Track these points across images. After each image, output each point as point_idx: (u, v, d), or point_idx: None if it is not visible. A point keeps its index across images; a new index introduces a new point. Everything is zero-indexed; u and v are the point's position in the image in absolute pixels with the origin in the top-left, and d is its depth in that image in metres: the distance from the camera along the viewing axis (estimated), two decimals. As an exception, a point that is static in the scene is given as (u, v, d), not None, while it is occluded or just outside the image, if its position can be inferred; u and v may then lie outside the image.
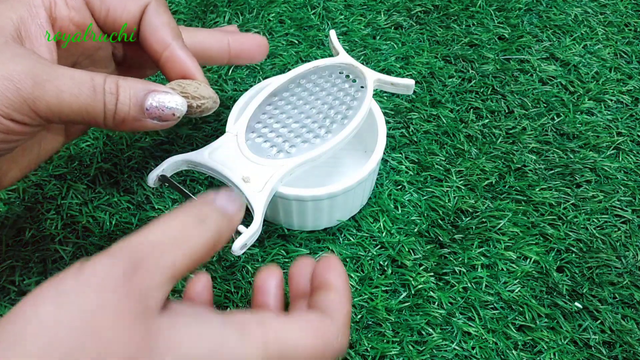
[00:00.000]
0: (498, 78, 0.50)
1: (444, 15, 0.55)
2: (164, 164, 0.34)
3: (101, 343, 0.20)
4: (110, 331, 0.20)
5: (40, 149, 0.33)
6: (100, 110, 0.28)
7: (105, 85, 0.28)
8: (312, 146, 0.35)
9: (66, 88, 0.27)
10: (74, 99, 0.27)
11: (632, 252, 0.39)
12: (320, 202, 0.37)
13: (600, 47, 0.52)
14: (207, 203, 0.26)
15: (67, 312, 0.20)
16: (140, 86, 0.29)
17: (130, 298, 0.21)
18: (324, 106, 0.38)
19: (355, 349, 0.35)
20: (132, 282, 0.22)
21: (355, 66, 0.40)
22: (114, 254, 0.22)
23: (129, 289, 0.21)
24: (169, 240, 0.23)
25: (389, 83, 0.40)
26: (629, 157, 0.45)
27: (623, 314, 0.37)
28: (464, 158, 0.44)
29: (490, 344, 0.35)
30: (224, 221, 0.26)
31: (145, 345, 0.21)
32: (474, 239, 0.40)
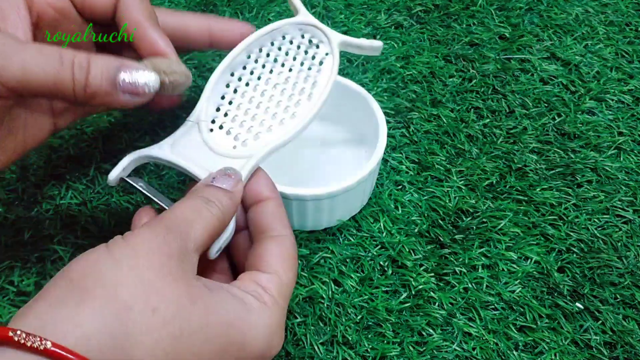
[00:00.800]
0: (499, 77, 0.50)
1: (444, 15, 0.55)
2: (124, 161, 0.32)
3: (154, 297, 0.24)
4: (160, 287, 0.24)
5: (26, 134, 0.32)
6: (69, 83, 0.28)
7: (75, 58, 0.28)
8: (281, 131, 0.33)
9: (32, 60, 0.27)
10: (40, 70, 0.28)
11: (633, 253, 0.39)
12: (320, 201, 0.37)
13: (601, 47, 0.52)
14: (207, 186, 0.30)
15: (122, 271, 0.24)
16: (113, 61, 0.30)
17: (171, 259, 0.25)
18: (287, 83, 0.35)
19: (355, 349, 0.35)
20: (171, 246, 0.25)
21: (317, 27, 0.36)
22: (152, 226, 0.26)
23: (169, 252, 0.25)
24: (190, 215, 0.27)
25: (355, 46, 0.36)
26: (630, 157, 0.45)
27: (624, 315, 0.37)
28: (465, 158, 0.44)
29: (491, 344, 0.35)
30: (226, 198, 0.29)
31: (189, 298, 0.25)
32: (474, 239, 0.39)
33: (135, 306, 0.23)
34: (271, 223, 0.31)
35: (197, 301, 0.25)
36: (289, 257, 0.30)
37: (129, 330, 0.23)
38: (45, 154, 0.44)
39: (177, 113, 0.47)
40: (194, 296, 0.25)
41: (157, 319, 0.23)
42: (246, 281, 0.29)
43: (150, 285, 0.24)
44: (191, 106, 0.35)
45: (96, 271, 0.24)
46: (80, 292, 0.23)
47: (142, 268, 0.24)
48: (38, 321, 0.22)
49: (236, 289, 0.27)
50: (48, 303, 0.23)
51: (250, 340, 0.26)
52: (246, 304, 0.27)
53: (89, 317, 0.22)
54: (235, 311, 0.26)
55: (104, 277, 0.23)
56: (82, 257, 0.25)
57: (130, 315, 0.23)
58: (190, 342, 0.24)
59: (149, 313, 0.23)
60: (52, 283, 0.24)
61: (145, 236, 0.25)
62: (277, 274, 0.29)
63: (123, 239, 0.25)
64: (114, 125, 0.46)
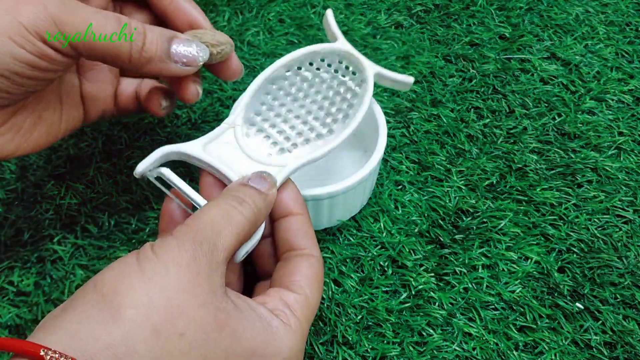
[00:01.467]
0: (499, 77, 0.50)
1: (444, 15, 0.55)
2: (154, 155, 0.31)
3: (182, 322, 0.23)
4: (189, 311, 0.24)
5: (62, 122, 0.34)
6: (127, 45, 0.29)
7: (131, 23, 0.30)
8: (314, 147, 0.34)
9: (93, 18, 0.29)
10: (101, 28, 0.29)
11: (633, 253, 0.39)
12: (320, 202, 0.37)
13: (601, 47, 0.52)
14: (243, 185, 0.30)
15: (153, 291, 0.23)
16: (167, 31, 0.31)
17: (199, 277, 0.25)
18: (325, 102, 0.36)
19: (355, 349, 0.35)
20: (200, 263, 0.25)
21: (355, 56, 0.37)
22: (180, 238, 0.25)
23: (198, 270, 0.25)
24: (220, 222, 0.27)
25: (389, 78, 0.37)
26: (631, 157, 0.44)
27: (624, 315, 0.36)
28: (465, 158, 0.44)
29: (491, 344, 0.35)
30: (260, 199, 0.29)
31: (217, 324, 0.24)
32: (474, 239, 0.39)
33: (163, 331, 0.23)
34: (302, 241, 0.31)
35: (224, 328, 0.25)
36: (318, 279, 0.30)
37: (156, 356, 0.23)
38: (45, 154, 0.44)
39: (177, 113, 0.47)
40: (221, 322, 0.25)
41: (183, 345, 0.23)
42: (275, 299, 0.28)
43: (179, 309, 0.24)
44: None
45: (127, 288, 0.23)
46: (111, 312, 0.23)
47: (172, 288, 0.24)
48: (68, 340, 0.22)
49: (263, 308, 0.27)
50: (78, 319, 0.22)
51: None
52: (272, 326, 0.27)
53: (120, 340, 0.22)
54: (261, 337, 0.26)
55: (135, 296, 0.23)
56: (113, 268, 0.24)
57: (158, 341, 0.23)
58: None
59: (176, 338, 0.23)
60: (82, 294, 0.24)
61: (174, 252, 0.25)
62: (305, 295, 0.29)
63: (153, 253, 0.25)
64: (114, 125, 0.46)
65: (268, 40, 0.52)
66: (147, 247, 0.25)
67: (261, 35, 0.52)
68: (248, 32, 0.52)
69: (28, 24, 0.27)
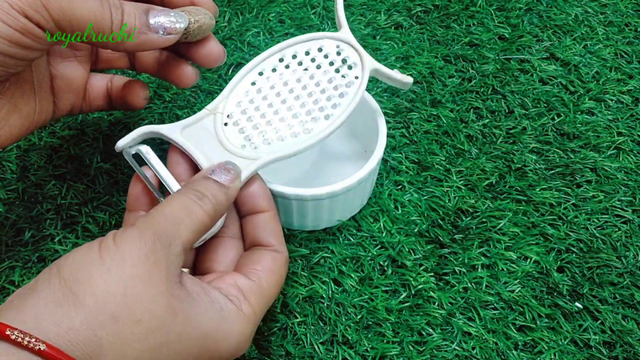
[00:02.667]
0: (498, 78, 0.50)
1: (444, 15, 0.55)
2: (134, 133, 0.33)
3: (139, 309, 0.25)
4: (145, 299, 0.25)
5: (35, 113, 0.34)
6: (108, 19, 0.30)
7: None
8: (292, 141, 0.34)
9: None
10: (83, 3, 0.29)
11: (632, 252, 0.39)
12: (320, 201, 0.37)
13: (600, 47, 0.52)
14: (205, 178, 0.31)
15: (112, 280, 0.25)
16: (142, 4, 0.31)
17: (156, 267, 0.26)
18: (309, 98, 0.36)
19: (355, 349, 0.35)
20: (158, 255, 0.26)
21: (355, 48, 0.36)
22: (141, 229, 0.27)
23: (155, 260, 0.26)
24: (180, 216, 0.28)
25: (387, 76, 0.37)
26: (630, 157, 0.45)
27: (623, 314, 0.37)
28: (464, 158, 0.44)
29: (490, 344, 0.35)
30: (221, 193, 0.30)
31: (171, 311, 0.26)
32: (474, 239, 0.39)
33: (120, 317, 0.24)
34: (269, 239, 0.33)
35: (178, 314, 0.26)
36: (278, 274, 0.32)
37: (114, 339, 0.24)
38: (46, 153, 0.44)
39: (177, 113, 0.47)
40: (175, 308, 0.26)
41: (140, 331, 0.25)
42: (230, 285, 0.30)
43: (135, 297, 0.25)
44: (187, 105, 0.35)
45: (88, 276, 0.25)
46: (73, 298, 0.24)
47: (129, 278, 0.25)
48: (33, 321, 0.23)
49: (217, 292, 0.29)
50: (43, 303, 0.24)
51: (222, 347, 0.28)
52: (224, 311, 0.28)
53: (80, 324, 0.24)
54: (213, 321, 0.27)
55: (94, 284, 0.24)
56: (75, 255, 0.26)
57: (115, 326, 0.24)
58: (168, 352, 0.26)
59: (133, 324, 0.25)
60: (47, 277, 0.25)
61: (134, 243, 0.26)
62: (260, 284, 0.30)
63: (114, 243, 0.26)
64: (114, 125, 0.46)
65: (268, 41, 0.52)
66: (109, 236, 0.27)
67: (261, 36, 0.52)
68: (248, 32, 0.53)
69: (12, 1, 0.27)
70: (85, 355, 0.23)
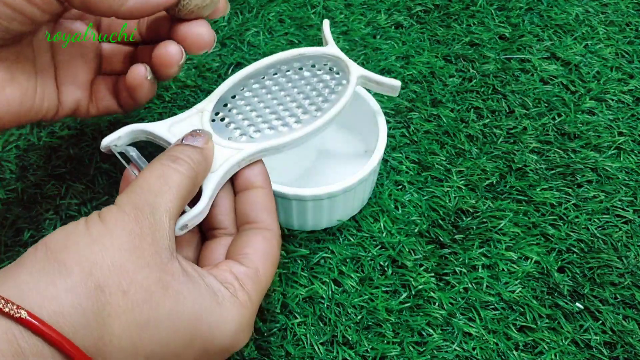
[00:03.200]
0: (499, 77, 0.50)
1: (444, 15, 0.55)
2: (121, 131, 0.32)
3: (125, 280, 0.24)
4: (132, 270, 0.24)
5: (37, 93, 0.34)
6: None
7: None
8: (278, 134, 0.34)
9: None
10: None
11: (633, 253, 0.39)
12: (320, 201, 0.37)
13: (601, 47, 0.52)
14: (176, 145, 0.30)
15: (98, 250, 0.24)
16: None
17: (143, 239, 0.25)
18: (300, 95, 0.36)
19: (355, 349, 0.35)
20: (142, 226, 0.25)
21: (342, 59, 0.38)
22: (120, 204, 0.26)
23: (140, 232, 0.25)
24: (155, 183, 0.27)
25: (374, 81, 0.37)
26: (630, 157, 0.45)
27: (624, 315, 0.37)
28: (465, 158, 0.44)
29: (491, 344, 0.35)
30: (195, 153, 0.29)
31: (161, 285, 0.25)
32: (474, 239, 0.39)
33: (106, 288, 0.24)
34: (259, 214, 0.31)
35: (168, 290, 0.25)
36: (272, 254, 0.30)
37: (99, 310, 0.23)
38: (45, 153, 0.44)
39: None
40: (165, 283, 0.25)
41: (125, 302, 0.24)
42: (224, 271, 0.28)
43: (122, 268, 0.24)
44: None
45: (74, 246, 0.24)
46: (58, 266, 0.23)
47: (115, 249, 0.24)
48: (16, 289, 0.22)
49: (212, 278, 0.27)
50: (27, 271, 0.23)
51: (217, 335, 0.26)
52: (218, 297, 0.27)
53: (64, 294, 0.23)
54: (206, 303, 0.26)
55: (80, 254, 0.24)
56: (62, 230, 0.25)
57: (101, 297, 0.23)
58: (157, 330, 0.24)
59: (119, 295, 0.24)
60: (32, 251, 0.24)
61: (118, 218, 0.25)
62: (256, 270, 0.29)
63: (99, 217, 0.26)
64: (114, 125, 0.46)
65: (268, 40, 0.52)
66: (94, 214, 0.26)
67: (261, 35, 0.52)
68: (248, 32, 0.52)
69: None
70: (69, 326, 0.22)
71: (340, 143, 0.44)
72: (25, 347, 0.22)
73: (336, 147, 0.44)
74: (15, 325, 0.22)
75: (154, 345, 0.25)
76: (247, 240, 0.30)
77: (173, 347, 0.25)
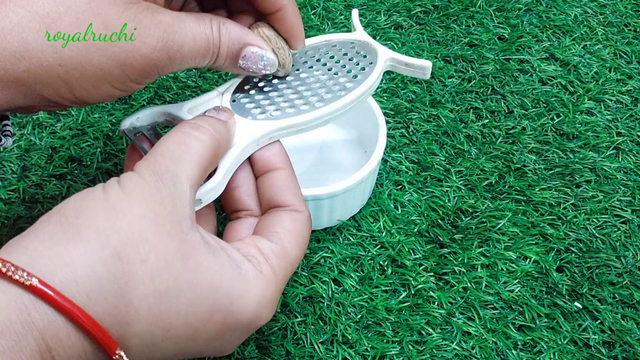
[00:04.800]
0: (498, 78, 0.50)
1: (443, 16, 0.55)
2: (140, 112, 0.32)
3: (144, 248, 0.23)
4: (152, 238, 0.23)
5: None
6: (206, 63, 0.30)
7: (213, 40, 0.29)
8: (299, 112, 0.32)
9: (189, 54, 0.29)
10: (193, 62, 0.29)
11: (631, 252, 0.39)
12: (320, 201, 0.37)
13: (600, 47, 0.52)
14: (198, 116, 0.29)
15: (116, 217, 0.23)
16: (237, 37, 0.30)
17: (163, 206, 0.24)
18: (324, 76, 0.34)
19: (355, 348, 0.35)
20: (162, 193, 0.24)
21: (369, 43, 0.36)
22: (140, 171, 0.25)
23: (161, 200, 0.24)
24: (176, 150, 0.26)
25: (404, 63, 0.36)
26: (629, 157, 0.45)
27: (623, 314, 0.37)
28: (464, 158, 0.44)
29: (490, 343, 0.35)
30: (218, 124, 0.28)
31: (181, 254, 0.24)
32: (473, 239, 0.40)
33: (123, 255, 0.22)
34: (286, 197, 0.30)
35: (188, 259, 0.24)
36: (301, 234, 0.29)
37: (116, 279, 0.22)
38: (47, 153, 0.44)
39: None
40: (186, 252, 0.24)
41: (144, 271, 0.23)
42: (248, 245, 0.27)
43: (141, 236, 0.23)
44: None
45: (91, 212, 0.23)
46: (73, 232, 0.22)
47: (135, 216, 0.23)
48: (27, 256, 0.21)
49: (235, 251, 0.26)
50: (39, 239, 0.22)
51: (238, 308, 0.25)
52: (241, 269, 0.25)
53: (78, 260, 0.22)
54: (228, 275, 0.25)
55: (97, 220, 0.23)
56: (78, 195, 0.24)
57: (118, 264, 0.22)
58: (176, 300, 0.23)
59: (137, 264, 0.22)
60: (46, 218, 0.23)
61: (137, 183, 0.24)
62: (282, 245, 0.28)
63: (118, 183, 0.24)
64: (115, 125, 0.46)
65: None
66: (112, 180, 0.25)
67: (261, 36, 0.52)
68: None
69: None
70: (82, 294, 0.21)
71: (340, 143, 0.44)
72: (35, 316, 0.20)
73: (336, 147, 0.44)
74: (26, 293, 0.20)
75: (173, 317, 0.23)
76: (275, 220, 0.29)
77: (193, 320, 0.24)
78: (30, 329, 0.20)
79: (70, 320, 0.21)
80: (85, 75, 0.26)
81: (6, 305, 0.20)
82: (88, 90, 0.27)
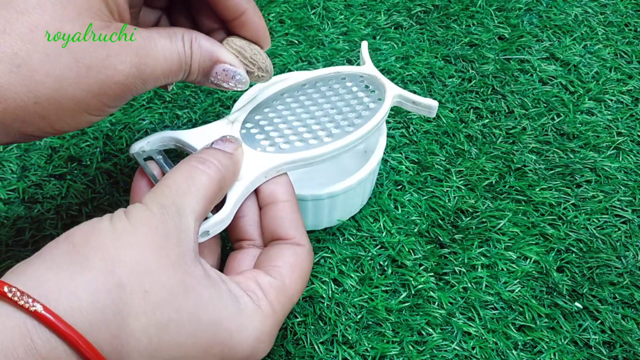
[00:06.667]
0: (498, 78, 0.50)
1: (444, 15, 0.55)
2: (150, 137, 0.32)
3: (148, 280, 0.23)
4: (155, 270, 0.24)
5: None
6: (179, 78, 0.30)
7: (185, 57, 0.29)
8: (308, 147, 0.33)
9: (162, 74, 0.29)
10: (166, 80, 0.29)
11: (632, 252, 0.39)
12: (320, 201, 0.37)
13: (600, 47, 0.52)
14: (205, 148, 0.30)
15: (123, 247, 0.24)
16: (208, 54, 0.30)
17: (168, 239, 0.25)
18: (333, 110, 0.35)
19: (355, 348, 0.35)
20: (168, 226, 0.25)
21: (378, 78, 0.37)
22: (147, 203, 0.26)
23: (166, 232, 0.25)
24: (183, 184, 0.27)
25: (411, 101, 0.37)
26: (629, 157, 0.45)
27: (623, 314, 0.37)
28: (464, 158, 0.44)
29: (490, 344, 0.35)
30: (224, 157, 0.29)
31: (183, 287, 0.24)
32: (474, 239, 0.40)
33: (128, 286, 0.23)
34: (288, 230, 0.30)
35: (190, 292, 0.24)
36: (301, 268, 0.29)
37: (119, 309, 0.22)
38: (46, 153, 0.44)
39: (177, 113, 0.47)
40: (188, 286, 0.24)
41: (147, 303, 0.23)
42: (248, 279, 0.28)
43: (145, 267, 0.24)
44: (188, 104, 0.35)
45: (98, 241, 0.24)
46: (80, 260, 0.23)
47: (140, 247, 0.24)
48: (33, 282, 0.22)
49: (235, 284, 0.27)
50: (47, 265, 0.23)
51: (236, 342, 0.26)
52: (240, 304, 0.26)
53: (84, 288, 0.22)
54: (227, 310, 0.25)
55: (104, 249, 0.23)
56: (87, 224, 0.25)
57: (122, 295, 0.23)
58: (177, 333, 0.24)
59: (140, 295, 0.23)
60: (54, 244, 0.24)
61: (143, 216, 0.25)
62: (282, 280, 0.28)
63: (125, 215, 0.25)
64: (115, 125, 0.46)
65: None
66: (119, 211, 0.26)
67: (261, 36, 0.52)
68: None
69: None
70: (85, 323, 0.22)
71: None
72: (38, 342, 0.21)
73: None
74: (30, 318, 0.21)
75: (173, 349, 0.24)
76: (276, 253, 0.29)
77: (192, 352, 0.24)
78: (33, 355, 0.21)
79: (72, 347, 0.21)
80: (62, 109, 0.26)
81: (10, 330, 0.21)
82: (67, 121, 0.27)
